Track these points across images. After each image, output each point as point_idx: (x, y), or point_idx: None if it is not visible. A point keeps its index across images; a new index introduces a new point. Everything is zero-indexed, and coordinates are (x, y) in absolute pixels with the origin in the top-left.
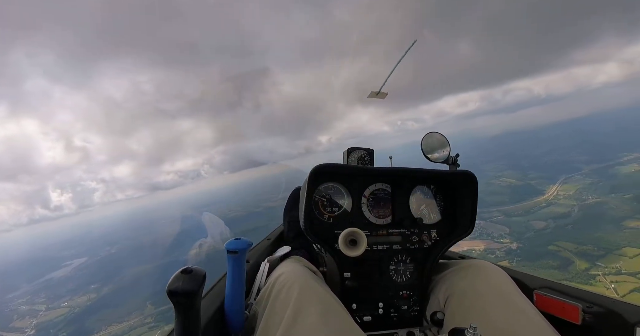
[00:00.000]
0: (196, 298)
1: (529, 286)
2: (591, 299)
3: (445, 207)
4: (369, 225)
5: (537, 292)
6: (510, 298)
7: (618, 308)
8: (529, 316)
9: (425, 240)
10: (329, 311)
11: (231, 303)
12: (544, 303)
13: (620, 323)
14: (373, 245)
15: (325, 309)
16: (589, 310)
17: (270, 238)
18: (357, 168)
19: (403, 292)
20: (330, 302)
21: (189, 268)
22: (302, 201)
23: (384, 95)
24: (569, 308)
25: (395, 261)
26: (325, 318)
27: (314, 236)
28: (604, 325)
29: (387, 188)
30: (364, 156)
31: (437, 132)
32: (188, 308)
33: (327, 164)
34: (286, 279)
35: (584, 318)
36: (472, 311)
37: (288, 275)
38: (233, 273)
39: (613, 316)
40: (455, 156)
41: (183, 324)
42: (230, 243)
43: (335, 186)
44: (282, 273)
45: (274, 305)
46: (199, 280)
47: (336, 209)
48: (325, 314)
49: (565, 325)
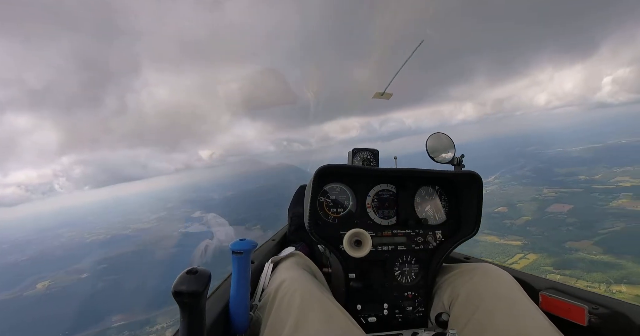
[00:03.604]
0: (201, 298)
1: (535, 288)
2: (597, 300)
3: (450, 208)
4: (374, 226)
5: (543, 293)
6: (516, 301)
7: (624, 309)
8: (535, 319)
9: (430, 241)
10: (330, 319)
11: (236, 303)
12: (550, 304)
13: (626, 324)
14: (378, 246)
15: (327, 316)
16: (595, 311)
17: (275, 238)
18: (361, 168)
19: (408, 293)
20: (332, 309)
21: (194, 268)
22: (306, 202)
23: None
24: (575, 309)
25: (400, 262)
26: (327, 325)
27: (318, 236)
28: (610, 327)
29: (392, 189)
30: (369, 157)
31: (442, 133)
32: (193, 308)
33: (332, 165)
34: (289, 286)
35: (590, 319)
36: (477, 314)
37: (291, 282)
38: (238, 274)
39: (619, 317)
40: (460, 156)
41: (188, 324)
42: (236, 243)
43: (340, 187)
44: (285, 280)
45: (277, 312)
46: (204, 281)
47: (341, 210)
48: (327, 321)
49: (571, 326)
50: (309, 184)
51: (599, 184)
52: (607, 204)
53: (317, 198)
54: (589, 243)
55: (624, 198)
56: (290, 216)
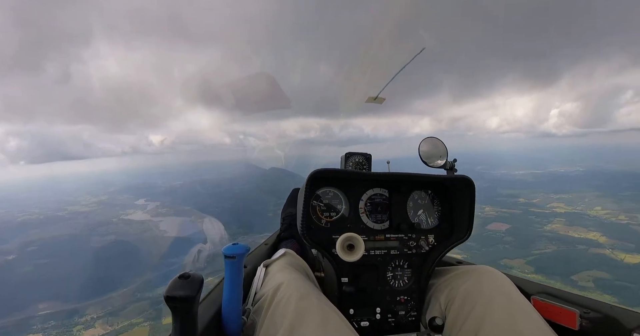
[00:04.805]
0: (194, 303)
1: (527, 292)
2: (589, 305)
3: (443, 212)
4: (367, 230)
5: (535, 297)
6: (514, 302)
7: (615, 313)
8: (533, 320)
9: (422, 245)
10: (326, 322)
11: (228, 308)
12: (542, 308)
13: (617, 329)
14: (371, 250)
15: (322, 320)
16: (586, 315)
17: (267, 243)
18: (355, 172)
19: (400, 297)
20: (327, 313)
21: (187, 273)
22: (299, 206)
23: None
24: (567, 313)
25: (392, 266)
26: (322, 329)
27: (311, 241)
28: (601, 331)
29: (385, 193)
30: (362, 161)
31: (434, 138)
32: (185, 313)
33: (325, 169)
34: (285, 290)
35: (582, 324)
36: (475, 315)
37: (287, 286)
38: (231, 278)
39: (610, 322)
40: (452, 161)
41: (180, 329)
42: (228, 248)
43: (333, 191)
44: (281, 284)
45: (272, 316)
46: (196, 285)
47: (334, 214)
48: (322, 325)
49: (563, 330)
50: (302, 188)
51: (536, 207)
52: (542, 227)
53: (310, 202)
54: (522, 261)
55: (557, 223)
56: (283, 217)
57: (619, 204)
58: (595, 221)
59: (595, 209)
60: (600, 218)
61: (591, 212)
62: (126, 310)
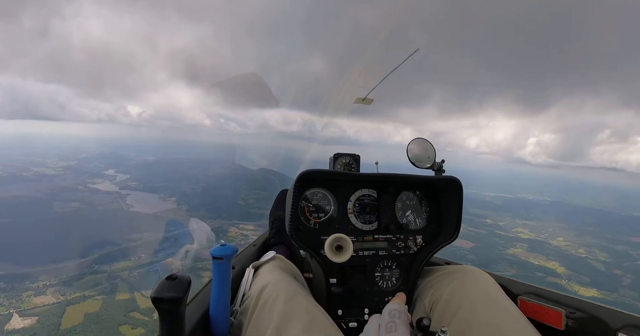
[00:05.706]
0: (181, 304)
1: (514, 292)
2: (574, 305)
3: (431, 213)
4: (355, 231)
5: (521, 298)
6: (497, 302)
7: (601, 313)
8: (516, 319)
9: (410, 246)
10: (313, 324)
11: (216, 309)
12: (528, 308)
13: (603, 328)
14: (359, 251)
15: (309, 321)
16: (572, 315)
17: (256, 244)
18: (343, 173)
19: (389, 298)
20: (314, 314)
21: (174, 274)
22: (288, 207)
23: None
24: (553, 313)
25: (381, 267)
26: (309, 331)
27: (300, 242)
28: (587, 331)
29: (374, 194)
30: (350, 162)
31: (423, 139)
32: (173, 314)
33: (313, 170)
34: (271, 290)
35: (567, 323)
36: (459, 315)
37: (273, 287)
38: (219, 279)
39: (596, 321)
40: (440, 162)
41: (168, 331)
42: (216, 249)
43: (322, 192)
44: (267, 284)
45: (258, 317)
46: (184, 287)
47: (322, 215)
48: (309, 327)
49: (549, 330)
50: (291, 189)
51: (502, 230)
52: (505, 249)
53: (298, 203)
54: None
55: (520, 248)
56: (271, 220)
57: (580, 237)
58: (556, 251)
59: (557, 239)
60: (560, 249)
61: (553, 242)
62: (81, 280)
